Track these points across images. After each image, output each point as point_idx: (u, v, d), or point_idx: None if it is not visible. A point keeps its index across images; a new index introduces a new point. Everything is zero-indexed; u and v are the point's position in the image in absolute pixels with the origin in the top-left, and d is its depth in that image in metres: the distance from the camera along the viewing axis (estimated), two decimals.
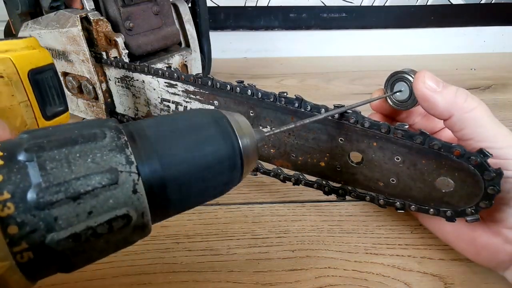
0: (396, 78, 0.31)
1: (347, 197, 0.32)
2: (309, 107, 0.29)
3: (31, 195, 0.13)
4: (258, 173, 0.36)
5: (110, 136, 0.15)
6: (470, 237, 0.27)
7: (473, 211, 0.25)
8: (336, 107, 0.28)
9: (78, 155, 0.14)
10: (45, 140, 0.14)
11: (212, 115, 0.19)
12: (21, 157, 0.14)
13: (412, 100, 0.30)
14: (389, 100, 0.32)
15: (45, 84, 0.31)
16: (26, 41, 0.31)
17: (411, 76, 0.30)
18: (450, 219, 0.26)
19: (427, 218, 0.31)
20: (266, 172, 0.35)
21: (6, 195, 0.13)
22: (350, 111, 0.28)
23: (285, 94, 0.31)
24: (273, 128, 0.24)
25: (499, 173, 0.23)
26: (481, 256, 0.27)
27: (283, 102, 0.31)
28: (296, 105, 0.30)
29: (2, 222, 0.13)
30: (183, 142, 0.17)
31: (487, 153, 0.23)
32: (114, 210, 0.14)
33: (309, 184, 0.33)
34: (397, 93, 0.31)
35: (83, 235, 0.14)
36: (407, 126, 0.26)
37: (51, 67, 0.32)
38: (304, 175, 0.34)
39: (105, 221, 0.14)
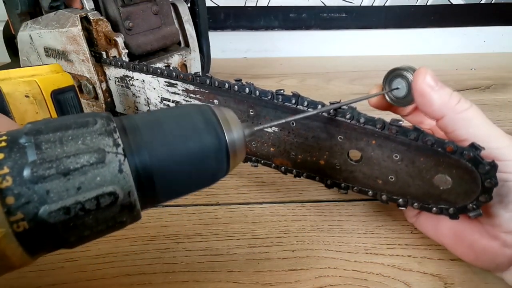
0: (394, 74, 0.31)
1: (347, 197, 0.32)
2: (306, 103, 0.30)
3: (26, 170, 0.15)
4: (259, 164, 0.36)
5: (101, 123, 0.17)
6: (468, 241, 0.27)
7: (474, 206, 0.25)
8: (332, 103, 0.28)
9: (70, 137, 0.16)
10: (43, 126, 0.16)
11: (200, 110, 0.20)
12: (22, 139, 0.16)
13: (410, 97, 0.30)
14: (387, 97, 0.32)
15: (66, 103, 0.35)
16: (50, 67, 0.35)
17: (409, 73, 0.29)
18: (453, 216, 0.26)
19: (424, 223, 0.31)
20: (267, 164, 0.35)
21: (6, 170, 0.15)
22: (346, 107, 0.28)
23: (282, 91, 0.31)
24: (261, 123, 0.24)
25: (493, 165, 0.23)
26: (480, 260, 0.27)
27: (280, 100, 0.31)
28: (294, 101, 0.30)
29: (1, 193, 0.14)
30: (170, 136, 0.18)
31: (478, 146, 0.24)
32: (101, 187, 0.16)
33: (311, 177, 0.33)
34: (395, 90, 0.31)
35: (73, 209, 0.15)
36: (401, 122, 0.26)
37: (72, 88, 0.35)
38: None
39: (93, 197, 0.15)
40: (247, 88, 0.32)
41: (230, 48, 0.82)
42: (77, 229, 0.16)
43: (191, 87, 0.37)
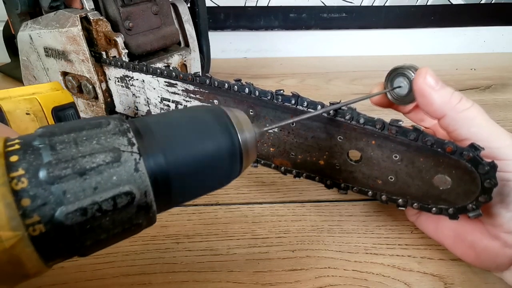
0: (396, 73, 0.31)
1: (347, 197, 0.32)
2: (305, 103, 0.30)
3: (42, 171, 0.14)
4: (259, 165, 0.36)
5: (114, 124, 0.17)
6: (469, 241, 0.27)
7: (474, 207, 0.25)
8: (331, 104, 0.28)
9: (85, 138, 0.16)
10: (57, 128, 0.16)
11: (213, 111, 0.20)
12: (36, 142, 0.15)
13: (412, 95, 0.30)
14: (388, 95, 0.32)
15: (67, 119, 0.35)
16: (51, 84, 0.36)
17: (411, 72, 0.30)
18: (453, 216, 0.26)
19: (424, 222, 0.31)
20: (267, 164, 0.35)
21: (21, 171, 0.14)
22: (345, 108, 0.28)
23: (282, 91, 0.31)
24: (268, 125, 0.24)
25: (493, 165, 0.23)
26: (480, 259, 0.27)
27: (280, 100, 0.31)
28: (293, 101, 0.30)
29: (16, 195, 0.14)
30: (186, 138, 0.18)
31: (478, 147, 0.24)
32: (117, 187, 0.15)
33: (310, 177, 0.33)
34: (397, 89, 0.31)
35: (90, 210, 0.15)
36: (401, 123, 0.26)
37: (72, 105, 0.36)
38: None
39: (110, 197, 0.15)
40: (246, 88, 0.32)
41: (230, 48, 0.82)
42: (94, 232, 0.15)
43: (191, 87, 0.37)
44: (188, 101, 0.38)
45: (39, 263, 0.15)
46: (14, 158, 0.15)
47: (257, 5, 0.78)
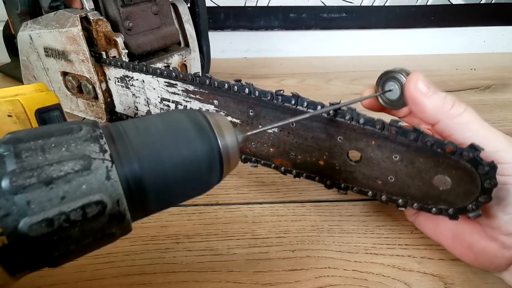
0: (387, 77, 0.30)
1: (347, 197, 0.32)
2: (305, 103, 0.30)
3: (5, 180, 0.14)
4: (259, 165, 0.36)
5: (86, 130, 0.16)
6: (467, 241, 0.27)
7: (473, 207, 0.25)
8: (331, 104, 0.28)
9: (53, 145, 0.15)
10: (24, 135, 0.15)
11: (191, 116, 0.19)
12: (0, 149, 0.15)
13: (403, 100, 0.30)
14: (380, 99, 0.32)
15: (52, 122, 0.34)
16: (34, 86, 0.34)
17: (402, 76, 0.29)
18: (453, 217, 0.26)
19: (423, 222, 0.31)
20: (267, 164, 0.35)
21: None
22: (345, 108, 0.28)
23: (281, 91, 0.31)
24: (261, 125, 0.24)
25: (493, 166, 0.23)
26: (479, 261, 0.27)
27: (280, 100, 0.31)
28: (293, 102, 0.30)
29: None
30: (162, 144, 0.17)
31: (478, 147, 0.24)
32: (87, 196, 0.15)
33: (310, 177, 0.33)
34: (388, 92, 0.31)
35: (56, 221, 0.14)
36: (401, 123, 0.26)
37: (57, 107, 0.34)
38: None
39: (79, 207, 0.14)
40: (246, 89, 0.32)
41: (230, 48, 0.82)
42: (62, 243, 0.15)
43: (191, 87, 0.37)
44: (188, 101, 0.38)
45: (3, 275, 0.14)
46: None
47: (257, 5, 0.78)
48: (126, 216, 0.16)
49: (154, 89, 0.41)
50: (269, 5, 0.78)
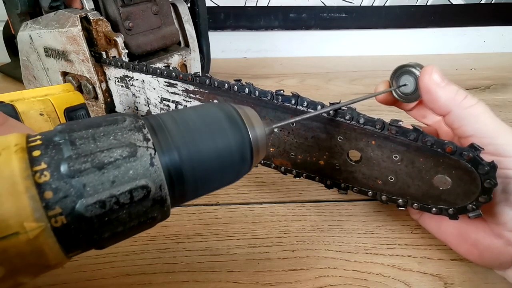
0: (402, 71, 0.31)
1: (347, 197, 0.32)
2: (305, 103, 0.30)
3: (63, 165, 0.15)
4: (259, 165, 0.36)
5: (130, 120, 0.17)
6: (472, 239, 0.27)
7: (474, 207, 0.25)
8: (331, 104, 0.28)
9: (102, 134, 0.16)
10: (75, 125, 0.17)
11: (223, 109, 0.20)
12: (56, 137, 0.16)
13: (417, 93, 0.30)
14: (394, 93, 0.32)
15: (78, 119, 0.36)
16: (62, 86, 0.37)
17: (417, 70, 0.30)
18: (453, 216, 0.26)
19: (427, 220, 0.31)
20: (267, 164, 0.35)
21: (43, 165, 0.15)
22: (345, 108, 0.28)
23: (281, 91, 0.31)
24: (277, 122, 0.25)
25: (493, 166, 0.23)
26: (483, 258, 0.27)
27: (280, 100, 0.31)
28: (293, 102, 0.30)
29: (39, 188, 0.14)
30: (198, 135, 0.19)
31: (478, 147, 0.24)
32: (134, 181, 0.16)
33: (310, 177, 0.33)
34: (402, 87, 0.31)
35: (108, 203, 0.15)
36: (401, 123, 0.26)
37: (83, 106, 0.37)
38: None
39: (127, 190, 0.16)
40: (246, 89, 0.32)
41: (230, 48, 0.82)
42: (111, 225, 0.16)
43: (191, 87, 0.37)
44: (188, 101, 0.38)
45: (60, 254, 0.15)
46: (36, 153, 0.15)
47: (257, 5, 0.78)
48: (167, 201, 0.17)
49: (154, 89, 0.41)
50: (269, 5, 0.78)
